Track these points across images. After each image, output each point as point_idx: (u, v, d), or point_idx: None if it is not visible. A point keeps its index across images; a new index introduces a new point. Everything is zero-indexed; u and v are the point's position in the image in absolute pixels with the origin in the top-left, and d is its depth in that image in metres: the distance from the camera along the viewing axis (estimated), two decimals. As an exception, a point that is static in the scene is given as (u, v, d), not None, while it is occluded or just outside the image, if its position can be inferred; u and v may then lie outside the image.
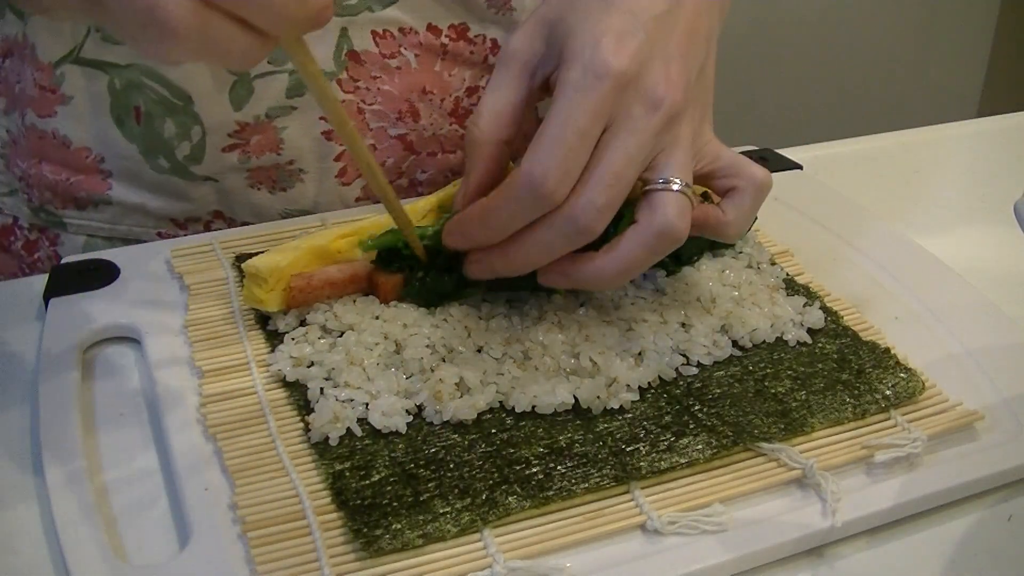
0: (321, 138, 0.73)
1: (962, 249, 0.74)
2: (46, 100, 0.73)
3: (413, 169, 0.77)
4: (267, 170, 0.74)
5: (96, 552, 0.45)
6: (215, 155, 0.72)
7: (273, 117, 0.72)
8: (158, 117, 0.71)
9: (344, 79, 0.72)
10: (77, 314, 0.60)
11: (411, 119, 0.74)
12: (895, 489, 0.51)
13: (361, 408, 0.53)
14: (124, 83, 0.71)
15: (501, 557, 0.46)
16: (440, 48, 0.73)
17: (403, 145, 0.75)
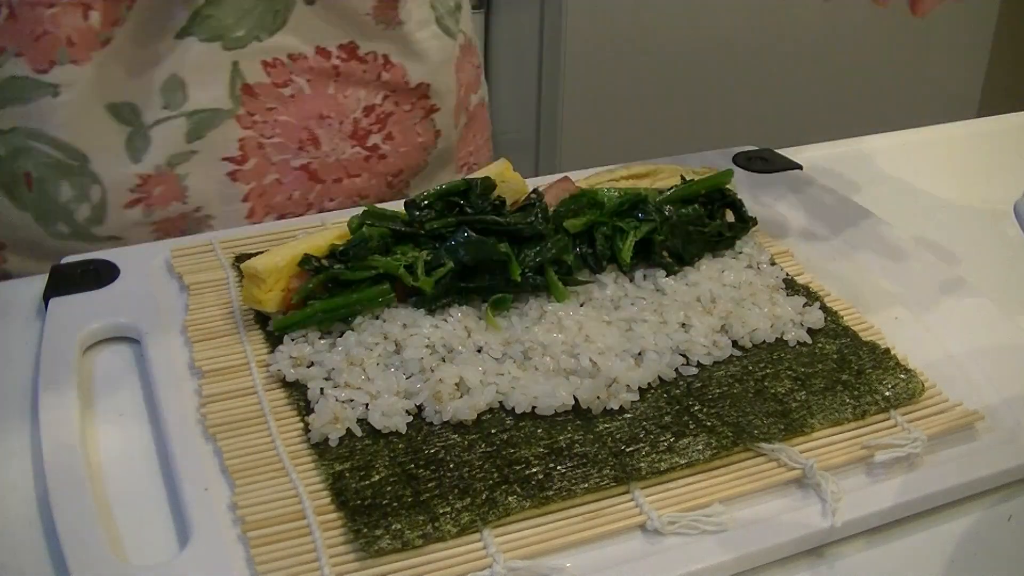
0: (226, 179, 0.72)
1: (962, 249, 0.74)
2: None
3: (321, 198, 0.75)
4: (173, 220, 0.71)
5: (96, 552, 0.45)
6: (118, 213, 0.70)
7: (175, 165, 0.70)
8: (51, 181, 0.68)
9: (242, 115, 0.71)
10: (77, 314, 0.60)
11: (312, 147, 0.73)
12: (895, 489, 0.51)
13: (361, 408, 0.53)
14: (9, 149, 0.67)
15: (501, 557, 0.46)
16: (332, 70, 0.72)
17: (307, 175, 0.74)
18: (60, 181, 0.68)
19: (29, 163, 0.68)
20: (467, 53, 0.83)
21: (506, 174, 0.65)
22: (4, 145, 0.67)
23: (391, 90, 0.75)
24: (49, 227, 0.70)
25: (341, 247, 0.59)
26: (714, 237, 0.66)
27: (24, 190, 0.68)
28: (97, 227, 0.70)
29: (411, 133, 0.77)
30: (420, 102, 0.77)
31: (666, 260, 0.64)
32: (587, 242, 0.64)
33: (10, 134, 0.67)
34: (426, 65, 0.76)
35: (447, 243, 0.61)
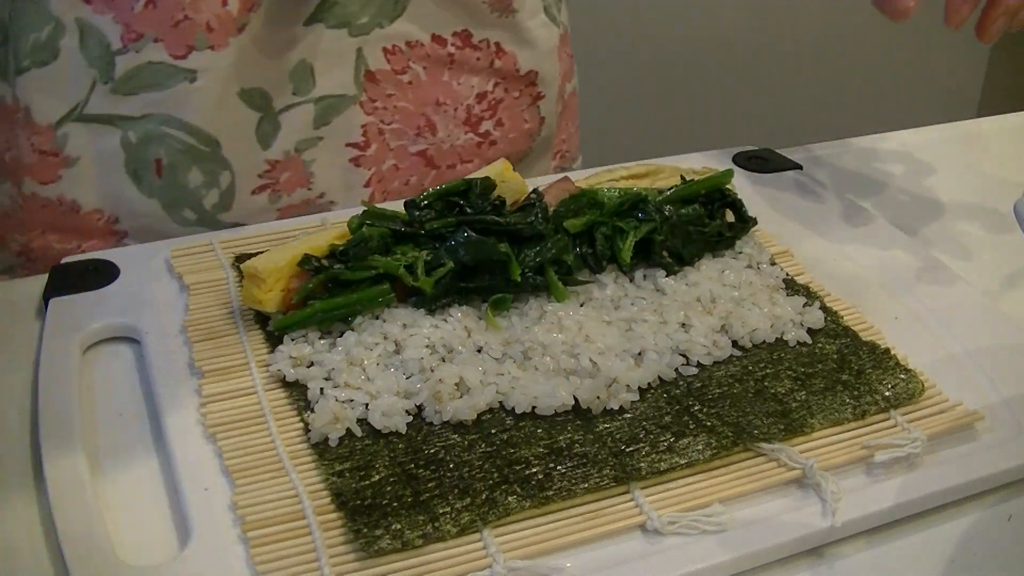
0: (349, 166, 0.73)
1: (962, 249, 0.74)
2: (47, 165, 0.69)
3: (436, 184, 0.75)
4: (297, 207, 0.73)
5: (96, 552, 0.45)
6: (245, 199, 0.71)
7: (302, 150, 0.71)
8: (182, 167, 0.69)
9: (364, 101, 0.72)
10: (77, 314, 0.60)
11: (429, 133, 0.75)
12: (895, 489, 0.51)
13: (361, 408, 0.53)
14: (140, 136, 0.68)
15: (501, 557, 0.46)
16: (447, 57, 0.74)
17: (424, 161, 0.75)
18: (191, 167, 0.69)
19: (161, 149, 0.68)
20: (564, 42, 0.85)
21: (506, 174, 0.65)
22: (137, 132, 0.68)
23: (502, 77, 0.77)
24: (175, 214, 0.71)
25: (341, 247, 0.59)
26: (714, 237, 0.66)
27: (153, 177, 0.69)
28: (223, 213, 0.71)
29: (519, 120, 0.79)
30: (528, 89, 0.79)
31: (666, 260, 0.64)
32: (587, 242, 0.64)
33: (143, 120, 0.68)
34: (535, 52, 0.78)
35: (447, 243, 0.61)
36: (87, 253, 0.67)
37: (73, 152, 0.69)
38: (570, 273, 0.62)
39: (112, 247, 0.72)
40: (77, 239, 0.72)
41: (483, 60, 0.75)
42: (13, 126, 0.69)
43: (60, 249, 0.72)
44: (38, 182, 0.70)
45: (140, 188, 0.70)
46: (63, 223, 0.71)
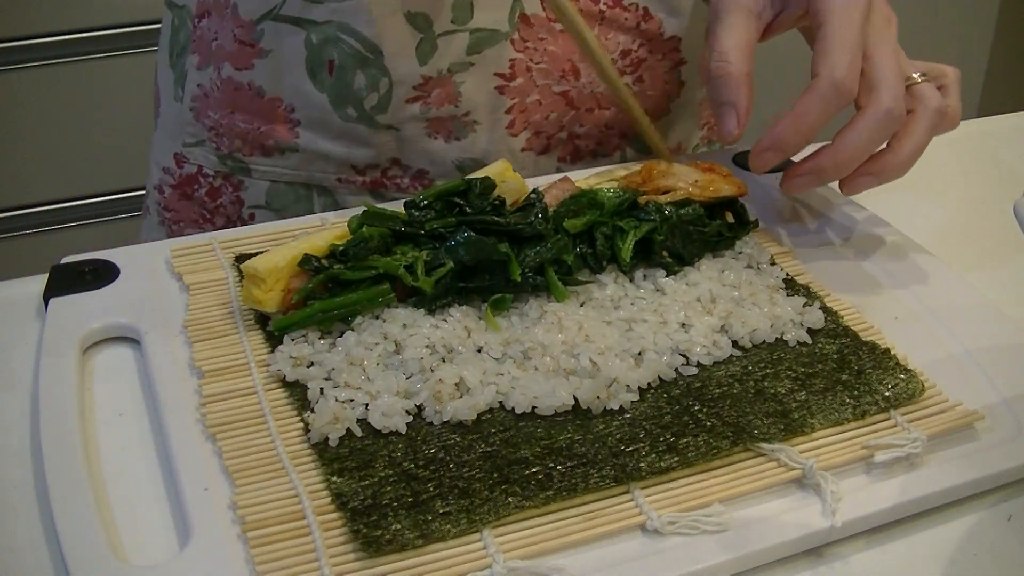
0: (495, 92, 0.78)
1: (962, 249, 0.74)
2: (244, 54, 0.78)
3: (572, 123, 0.81)
4: (444, 121, 0.78)
5: (96, 552, 0.45)
6: (399, 106, 0.77)
7: (454, 72, 0.77)
8: (350, 70, 0.76)
9: (516, 39, 0.77)
10: (77, 314, 0.60)
11: (572, 77, 0.79)
12: (895, 489, 0.51)
13: (361, 408, 0.53)
14: (321, 38, 0.76)
15: (501, 557, 0.46)
16: (599, 13, 0.78)
17: (565, 101, 0.80)
18: (357, 71, 0.77)
19: (335, 52, 0.76)
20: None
21: (506, 174, 0.65)
22: (318, 34, 0.76)
23: (647, 39, 0.81)
24: (340, 110, 0.78)
25: (341, 247, 0.59)
26: (714, 237, 0.66)
27: (325, 75, 0.77)
28: (380, 115, 0.78)
29: (659, 80, 0.83)
30: (671, 54, 0.82)
31: (666, 260, 0.64)
32: (587, 242, 0.64)
33: (325, 25, 0.76)
34: (680, 19, 0.82)
35: (447, 243, 0.61)
36: (87, 253, 0.67)
37: (267, 45, 0.78)
38: (570, 273, 0.62)
39: (286, 133, 0.80)
40: (259, 121, 0.80)
41: (631, 20, 0.79)
42: (223, 19, 0.79)
43: (243, 128, 0.81)
44: (234, 67, 0.79)
45: (315, 83, 0.78)
46: (250, 105, 0.80)
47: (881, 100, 0.64)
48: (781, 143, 0.65)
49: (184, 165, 0.85)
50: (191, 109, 0.84)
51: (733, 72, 0.66)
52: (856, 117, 0.65)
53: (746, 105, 0.66)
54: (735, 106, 0.66)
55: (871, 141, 0.65)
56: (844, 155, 0.65)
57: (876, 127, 0.64)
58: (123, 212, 1.82)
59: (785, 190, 0.69)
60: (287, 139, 0.80)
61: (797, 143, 0.65)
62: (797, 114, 0.64)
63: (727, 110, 0.66)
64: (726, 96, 0.66)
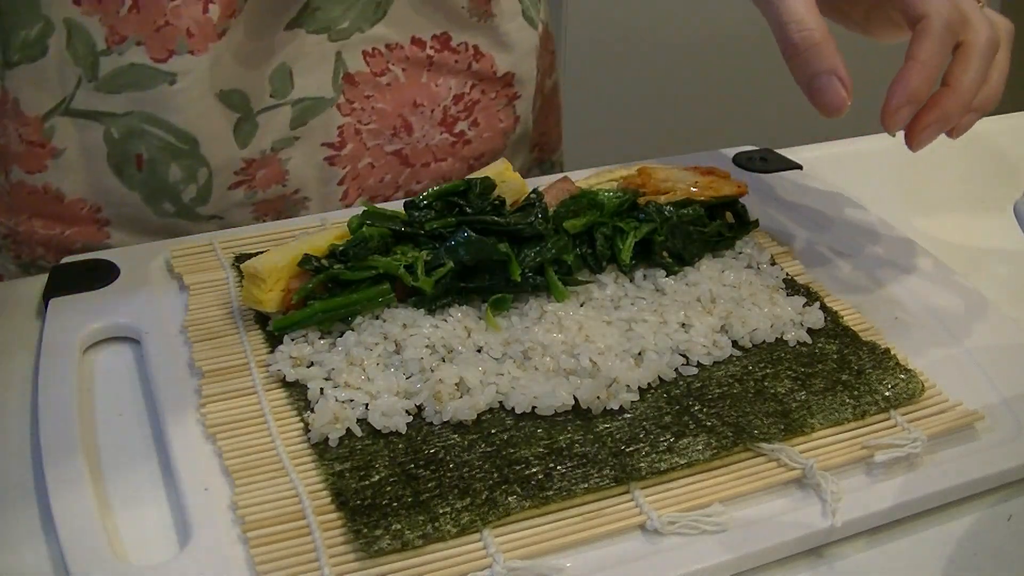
0: (324, 164, 0.75)
1: (962, 249, 0.74)
2: (34, 155, 0.71)
3: (409, 181, 0.79)
4: (272, 202, 0.75)
5: (96, 552, 0.45)
6: (221, 194, 0.73)
7: (278, 150, 0.73)
8: (162, 163, 0.71)
9: (342, 103, 0.74)
10: (77, 314, 0.60)
11: (405, 133, 0.76)
12: (895, 489, 0.51)
13: (361, 408, 0.53)
14: (123, 131, 0.70)
15: (501, 557, 0.46)
16: (426, 60, 0.75)
17: (399, 160, 0.77)
18: (170, 163, 0.72)
19: (142, 145, 0.71)
20: (545, 41, 0.88)
21: (506, 174, 0.65)
22: (119, 128, 0.70)
23: (479, 79, 0.79)
24: (156, 206, 0.73)
25: (341, 247, 0.59)
26: (714, 237, 0.66)
27: (134, 171, 0.71)
28: (201, 207, 0.74)
29: (494, 119, 0.81)
30: (504, 90, 0.81)
31: (666, 260, 0.64)
32: (587, 242, 0.64)
33: (126, 117, 0.70)
34: (512, 55, 0.80)
35: (447, 243, 0.61)
36: (86, 254, 0.67)
37: (59, 143, 0.71)
38: (570, 273, 0.62)
39: (95, 234, 0.74)
40: (61, 226, 0.74)
41: (461, 62, 0.77)
42: (2, 117, 0.71)
43: (44, 234, 0.74)
44: (25, 171, 0.72)
45: (122, 180, 0.72)
46: (48, 210, 0.73)
47: (980, 31, 0.61)
48: (915, 94, 0.59)
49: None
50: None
51: (820, 38, 0.59)
52: (963, 53, 0.61)
53: (845, 69, 0.59)
54: (835, 72, 0.59)
55: (983, 75, 0.61)
56: (966, 94, 0.61)
57: (985, 59, 0.61)
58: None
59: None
60: (96, 241, 0.74)
61: (927, 91, 0.60)
62: (922, 62, 0.59)
63: (828, 80, 0.59)
64: (825, 64, 0.59)
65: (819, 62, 0.59)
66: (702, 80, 1.98)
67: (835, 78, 0.58)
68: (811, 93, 0.59)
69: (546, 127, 0.92)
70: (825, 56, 0.59)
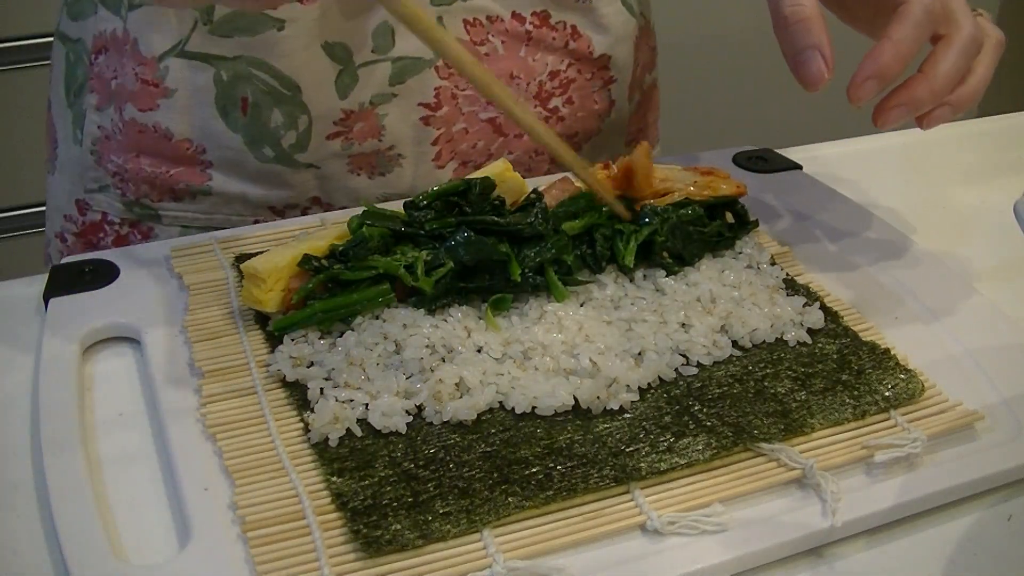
0: (419, 124, 0.76)
1: (962, 249, 0.74)
2: (148, 94, 0.74)
3: (501, 150, 0.80)
4: (367, 156, 0.76)
5: (96, 552, 0.45)
6: (320, 143, 0.75)
7: (376, 104, 0.74)
8: (266, 107, 0.73)
9: (440, 66, 0.75)
10: (77, 314, 0.60)
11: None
12: (895, 489, 0.51)
13: (361, 408, 0.53)
14: (231, 75, 0.72)
15: (501, 557, 0.46)
16: (524, 35, 0.77)
17: (492, 128, 0.78)
18: (273, 108, 0.73)
19: (248, 89, 0.73)
20: (646, 34, 0.89)
21: (506, 174, 0.65)
22: (228, 71, 0.72)
23: (576, 58, 0.80)
24: (256, 150, 0.75)
25: (341, 247, 0.59)
26: (714, 237, 0.66)
27: (239, 114, 0.73)
28: (300, 153, 0.75)
29: (589, 100, 0.82)
30: (600, 72, 0.82)
31: (666, 260, 0.64)
32: (587, 242, 0.64)
33: (235, 61, 0.72)
34: (609, 38, 0.81)
35: (447, 243, 0.61)
36: (87, 254, 0.67)
37: (172, 84, 0.73)
38: (570, 273, 0.62)
39: (197, 176, 0.76)
40: (167, 165, 0.76)
41: (559, 40, 0.78)
42: (122, 56, 0.74)
43: (151, 172, 0.76)
44: (138, 109, 0.75)
45: (227, 123, 0.74)
46: (156, 149, 0.76)
47: (963, 27, 0.63)
48: (883, 70, 0.61)
49: (87, 212, 0.80)
50: (92, 153, 0.78)
51: (810, 15, 0.61)
52: (943, 45, 0.63)
53: (830, 47, 0.61)
54: (819, 48, 0.60)
55: (960, 69, 0.63)
56: (939, 83, 0.62)
57: (964, 54, 0.63)
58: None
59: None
60: (199, 182, 0.76)
61: (896, 71, 0.61)
62: (896, 41, 0.61)
63: (811, 54, 0.61)
64: (811, 40, 0.60)
65: (805, 37, 0.60)
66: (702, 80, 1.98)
67: (818, 53, 0.60)
68: (794, 65, 0.61)
69: (643, 123, 0.93)
70: (812, 31, 0.60)
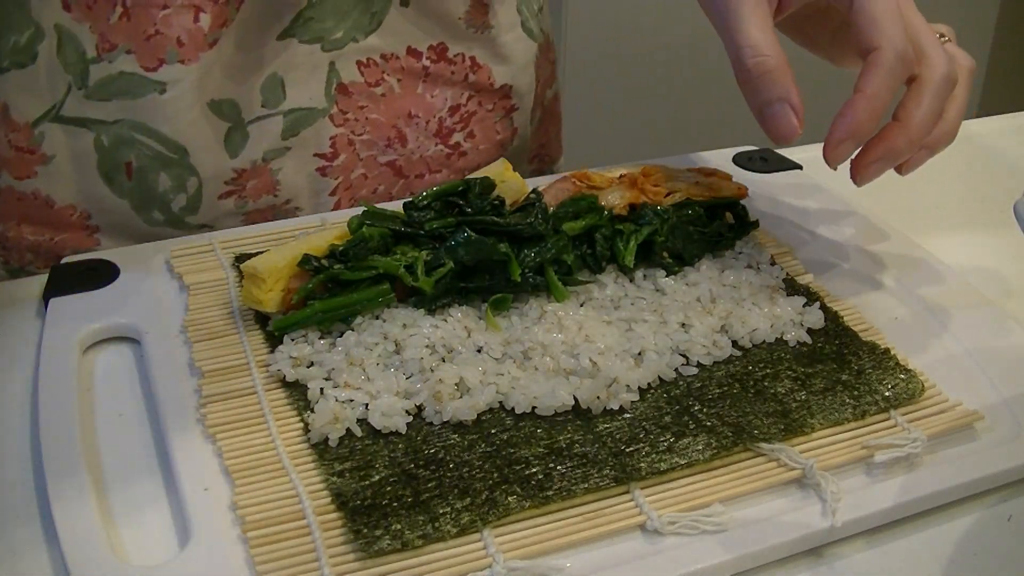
0: (315, 175, 0.74)
1: (962, 249, 0.74)
2: (24, 161, 0.71)
3: (403, 192, 0.78)
4: (263, 211, 0.74)
5: (96, 552, 0.45)
6: (211, 203, 0.73)
7: (269, 160, 0.72)
8: (151, 171, 0.71)
9: (335, 113, 0.73)
10: (77, 314, 0.60)
11: (399, 144, 0.76)
12: (895, 489, 0.51)
13: (361, 408, 0.53)
14: (112, 139, 0.70)
15: (501, 557, 0.46)
16: (421, 70, 0.75)
17: (392, 171, 0.76)
18: (160, 172, 0.71)
19: (131, 153, 0.70)
20: (545, 51, 0.87)
21: (506, 174, 0.65)
22: (109, 136, 0.70)
23: (476, 90, 0.78)
24: (145, 214, 0.73)
25: (341, 247, 0.59)
26: (714, 237, 0.66)
27: (124, 179, 0.71)
28: (191, 216, 0.73)
29: (491, 131, 0.80)
30: (502, 102, 0.80)
31: (666, 260, 0.64)
32: (587, 242, 0.64)
33: (115, 125, 0.69)
34: (510, 67, 0.79)
35: (447, 243, 0.61)
36: (87, 253, 0.67)
37: (49, 150, 0.70)
38: (570, 273, 0.62)
39: (84, 241, 0.74)
40: (51, 232, 0.74)
41: (458, 74, 0.76)
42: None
43: (33, 240, 0.74)
44: (14, 177, 0.72)
45: (112, 188, 0.72)
46: (37, 216, 0.73)
47: (935, 67, 0.59)
48: (858, 130, 0.58)
49: None
50: None
51: (774, 65, 0.58)
52: (915, 89, 0.59)
53: (798, 97, 0.58)
54: (787, 100, 0.58)
55: (936, 111, 0.60)
56: (916, 131, 0.59)
57: (939, 95, 0.59)
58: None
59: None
60: (85, 247, 0.73)
61: (872, 127, 0.58)
62: (869, 96, 0.57)
63: (779, 107, 0.58)
64: (776, 92, 0.58)
65: (771, 89, 0.58)
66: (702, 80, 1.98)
67: (787, 106, 0.58)
68: (762, 120, 0.59)
69: (546, 138, 0.92)
70: (778, 83, 0.58)
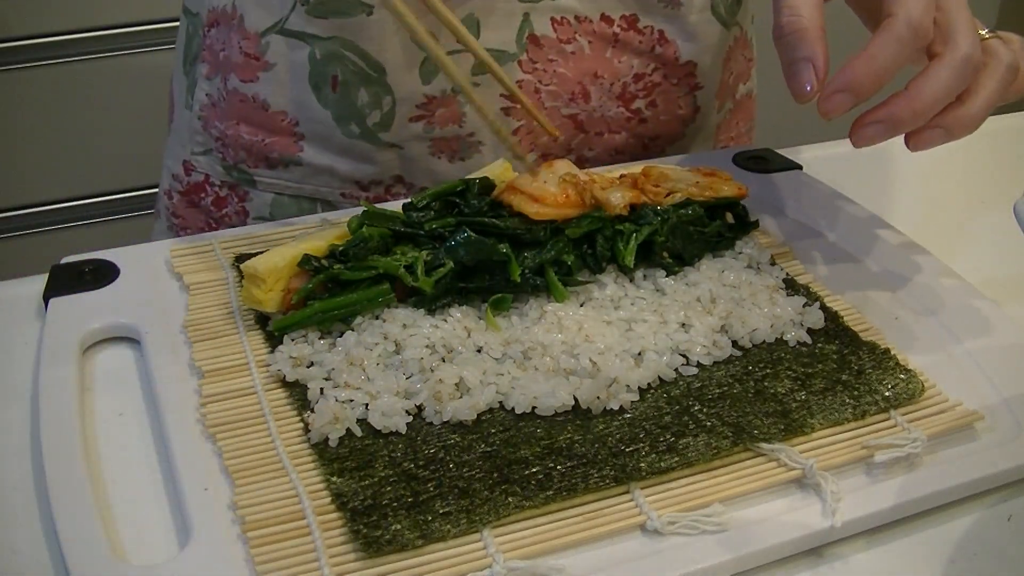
0: (500, 113, 0.78)
1: (962, 249, 0.74)
2: (250, 66, 0.79)
3: (581, 147, 0.81)
4: (448, 140, 0.78)
5: (96, 552, 0.45)
6: (402, 123, 0.77)
7: (457, 92, 0.76)
8: (354, 86, 0.76)
9: (524, 60, 0.76)
10: (77, 314, 0.60)
11: (582, 100, 0.78)
12: (895, 489, 0.51)
13: (361, 408, 0.53)
14: (324, 53, 0.76)
15: (501, 557, 0.46)
16: (612, 36, 0.78)
17: (574, 124, 0.79)
18: (360, 87, 0.76)
19: (338, 68, 0.76)
20: (741, 45, 0.90)
21: (506, 174, 0.65)
22: (322, 50, 0.76)
23: (661, 63, 0.81)
24: (344, 126, 0.78)
25: (341, 247, 0.59)
26: (714, 237, 0.66)
27: (329, 91, 0.77)
28: (383, 132, 0.78)
29: (673, 105, 0.83)
30: (686, 78, 0.82)
31: (666, 261, 0.64)
32: (587, 242, 0.64)
33: (328, 41, 0.76)
34: (696, 46, 0.81)
35: (447, 243, 0.61)
36: (87, 253, 0.67)
37: (271, 59, 0.78)
38: (570, 273, 0.62)
39: (290, 146, 0.80)
40: (263, 133, 0.80)
41: (645, 44, 0.79)
42: (229, 30, 0.80)
43: (248, 140, 0.81)
44: (240, 79, 0.79)
45: (318, 98, 0.78)
46: (254, 118, 0.80)
47: (959, 46, 0.59)
48: (854, 84, 0.58)
49: (192, 173, 0.85)
50: (199, 118, 0.84)
51: (807, 26, 0.59)
52: (933, 63, 0.60)
53: (823, 60, 0.59)
54: (812, 60, 0.58)
55: (949, 89, 0.59)
56: (920, 102, 0.59)
57: (955, 74, 0.59)
58: (124, 212, 1.82)
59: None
60: (291, 152, 0.80)
61: (870, 86, 0.58)
62: (871, 55, 0.58)
63: (803, 66, 0.59)
64: (803, 52, 0.59)
65: (799, 48, 0.59)
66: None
67: (811, 65, 0.58)
68: (787, 75, 0.60)
69: (736, 132, 0.94)
70: (807, 42, 0.59)
